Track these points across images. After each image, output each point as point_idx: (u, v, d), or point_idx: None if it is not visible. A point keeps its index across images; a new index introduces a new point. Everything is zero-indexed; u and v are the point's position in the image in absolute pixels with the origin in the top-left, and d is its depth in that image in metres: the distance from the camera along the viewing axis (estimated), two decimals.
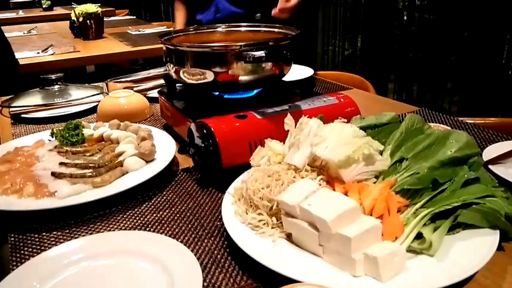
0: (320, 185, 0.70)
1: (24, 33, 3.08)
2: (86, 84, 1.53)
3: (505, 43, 2.62)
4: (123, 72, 1.61)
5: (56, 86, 1.44)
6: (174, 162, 0.97)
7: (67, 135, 1.02)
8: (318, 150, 0.71)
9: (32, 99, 1.37)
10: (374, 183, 0.70)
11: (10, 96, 1.45)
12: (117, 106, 1.25)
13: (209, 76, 1.00)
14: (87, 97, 1.39)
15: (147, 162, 0.93)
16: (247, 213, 0.71)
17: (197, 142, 0.91)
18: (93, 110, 1.35)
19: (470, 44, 2.81)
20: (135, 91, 1.38)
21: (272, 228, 0.68)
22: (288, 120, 0.81)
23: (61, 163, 0.91)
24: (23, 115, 1.30)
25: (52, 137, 1.04)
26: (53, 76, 1.44)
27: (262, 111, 0.94)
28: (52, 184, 0.83)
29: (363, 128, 0.81)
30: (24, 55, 2.22)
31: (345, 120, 0.78)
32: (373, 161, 0.70)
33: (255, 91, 1.09)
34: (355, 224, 0.60)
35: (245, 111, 0.95)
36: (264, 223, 0.68)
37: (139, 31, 3.03)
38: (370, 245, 0.59)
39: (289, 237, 0.66)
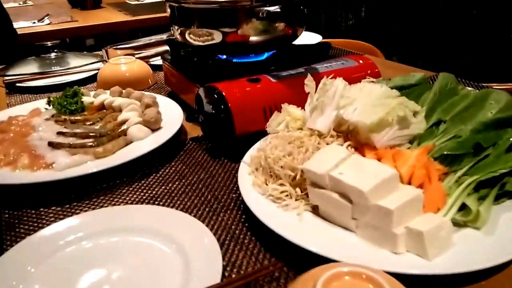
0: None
1: (19, 3, 2.96)
2: (85, 52, 1.45)
3: None
4: (123, 40, 1.52)
5: (53, 54, 1.35)
6: (181, 131, 0.90)
7: (65, 103, 0.94)
8: (345, 113, 0.64)
9: (27, 68, 1.29)
10: (409, 148, 0.63)
11: (4, 66, 1.36)
12: (118, 74, 1.17)
13: (217, 36, 0.91)
14: (86, 65, 1.30)
15: (152, 130, 0.85)
16: (267, 184, 0.64)
17: (207, 109, 0.83)
18: (92, 78, 1.26)
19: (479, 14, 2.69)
20: (137, 58, 1.29)
21: (296, 200, 0.60)
22: (309, 81, 0.73)
23: (59, 133, 0.83)
24: (18, 84, 1.22)
25: (49, 105, 0.97)
26: (49, 43, 1.35)
27: (276, 74, 0.86)
28: (49, 155, 0.75)
29: None
30: (19, 25, 2.12)
31: (374, 80, 0.69)
32: (408, 124, 0.62)
33: (266, 55, 1.00)
34: (395, 194, 0.53)
35: (257, 75, 0.87)
36: (287, 195, 0.61)
37: (138, 0, 2.91)
38: (412, 217, 0.52)
39: (315, 209, 0.59)
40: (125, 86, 1.08)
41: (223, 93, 0.79)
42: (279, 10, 0.81)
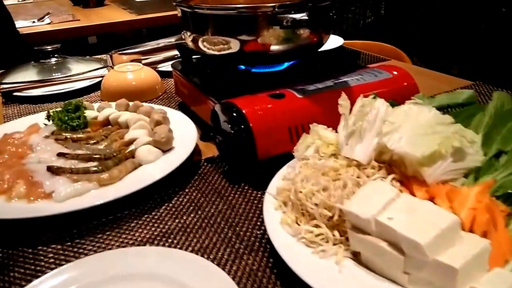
0: (392, 185, 0.54)
1: (18, 0, 2.87)
2: (88, 57, 1.36)
3: None
4: (128, 42, 1.44)
5: (53, 59, 1.27)
6: (195, 151, 0.81)
7: (66, 118, 0.85)
8: (389, 141, 0.55)
9: (25, 75, 1.20)
10: (463, 184, 0.54)
11: (0, 72, 1.27)
12: (124, 82, 1.08)
13: (234, 45, 0.83)
14: (89, 71, 1.22)
15: (163, 151, 0.77)
16: (298, 223, 0.55)
17: (224, 128, 0.75)
18: (96, 86, 1.18)
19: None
20: (144, 64, 1.20)
21: (334, 244, 0.52)
22: (343, 101, 0.64)
23: (60, 154, 0.75)
24: (15, 93, 1.13)
25: (49, 120, 0.88)
26: (49, 48, 1.26)
27: (301, 89, 0.77)
28: (48, 182, 0.67)
29: None
30: (19, 24, 2.04)
31: (420, 101, 0.60)
32: (463, 156, 0.54)
33: (288, 64, 0.92)
34: (457, 247, 0.44)
35: (279, 89, 0.78)
36: (323, 238, 0.53)
37: None
38: (478, 275, 0.44)
39: (356, 256, 0.51)
40: (132, 96, 1.00)
41: (243, 111, 0.71)
42: (305, 17, 0.72)
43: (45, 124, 0.88)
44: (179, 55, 1.23)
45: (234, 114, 0.72)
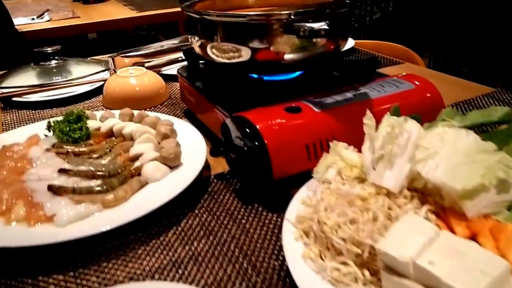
0: (427, 218, 0.49)
1: None
2: (88, 58, 1.30)
3: None
4: (128, 37, 1.38)
5: (53, 62, 1.21)
6: (204, 166, 0.76)
7: (68, 129, 0.80)
8: (424, 169, 0.50)
9: (25, 78, 1.15)
10: (506, 218, 0.49)
11: None
12: (127, 88, 1.03)
13: (245, 54, 0.78)
14: (90, 75, 1.16)
15: (171, 168, 0.72)
16: (323, 258, 0.51)
17: (236, 143, 0.70)
18: (97, 91, 1.12)
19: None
20: (147, 67, 1.15)
21: (364, 284, 0.47)
22: (368, 120, 0.59)
23: (61, 170, 0.70)
24: (14, 99, 1.08)
25: (49, 131, 0.83)
26: (49, 50, 1.21)
27: (319, 102, 0.72)
28: (49, 204, 0.62)
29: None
30: (17, 22, 1.98)
31: (455, 124, 0.55)
32: (508, 188, 0.49)
33: (302, 71, 0.87)
34: None
35: (294, 99, 0.73)
36: (351, 277, 0.48)
37: None
38: None
39: None
40: (135, 102, 0.95)
41: (257, 126, 0.66)
42: (325, 27, 0.66)
43: (45, 135, 0.83)
44: (183, 58, 1.19)
45: (247, 130, 0.67)
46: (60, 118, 0.84)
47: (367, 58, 0.89)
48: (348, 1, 0.81)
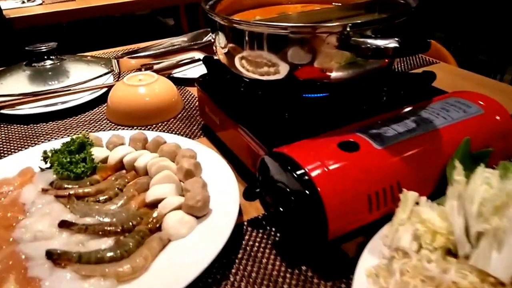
0: None
1: None
2: (88, 56, 1.15)
3: None
4: (127, 26, 1.23)
5: (48, 62, 1.06)
6: None
7: (68, 163, 0.66)
8: None
9: (15, 84, 1.00)
10: None
11: None
12: (135, 99, 0.88)
13: (283, 69, 0.63)
14: (92, 79, 1.02)
15: (197, 217, 0.58)
16: None
17: (279, 188, 0.56)
18: (101, 99, 0.98)
19: None
20: (156, 70, 1.01)
21: None
22: (459, 177, 0.46)
23: (63, 224, 0.56)
24: (3, 111, 0.93)
25: (45, 162, 0.69)
26: (43, 48, 1.06)
27: (377, 134, 0.59)
28: (48, 283, 0.49)
29: None
30: (4, 5, 1.80)
31: None
32: None
33: None
34: None
35: (344, 128, 0.60)
36: None
37: None
38: None
39: None
40: (145, 116, 0.83)
41: (308, 169, 0.52)
42: (395, 45, 0.52)
43: (41, 169, 0.69)
44: (196, 59, 1.04)
45: (294, 174, 0.53)
46: (59, 144, 0.70)
47: (422, 72, 0.75)
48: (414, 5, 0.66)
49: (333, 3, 0.85)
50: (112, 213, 0.59)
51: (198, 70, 1.06)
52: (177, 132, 0.85)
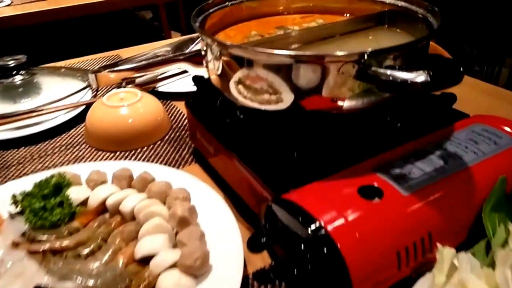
0: None
1: None
2: (63, 69, 1.05)
3: None
4: (111, 35, 1.13)
5: (18, 78, 0.96)
6: None
7: (42, 209, 0.57)
8: None
9: None
10: None
11: None
12: (117, 122, 0.79)
13: (287, 97, 0.55)
14: (67, 96, 0.92)
15: (196, 276, 0.50)
16: None
17: (291, 236, 0.48)
18: (78, 119, 0.88)
19: None
20: (138, 84, 0.92)
21: None
22: None
23: None
24: None
25: (16, 207, 0.60)
26: (11, 62, 0.95)
27: (402, 176, 0.51)
28: None
29: None
30: None
31: None
32: None
33: None
34: None
35: (367, 174, 0.52)
36: None
37: None
38: None
39: None
40: (128, 140, 0.75)
41: (325, 223, 0.45)
42: (426, 79, 0.44)
43: (11, 215, 0.60)
44: (182, 70, 0.96)
45: (309, 229, 0.46)
46: (31, 183, 0.61)
47: (441, 94, 0.67)
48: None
49: (333, 12, 0.77)
50: (96, 273, 0.51)
51: (185, 83, 0.98)
52: (165, 158, 0.77)
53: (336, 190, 0.50)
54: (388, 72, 0.47)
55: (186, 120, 0.82)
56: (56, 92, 0.93)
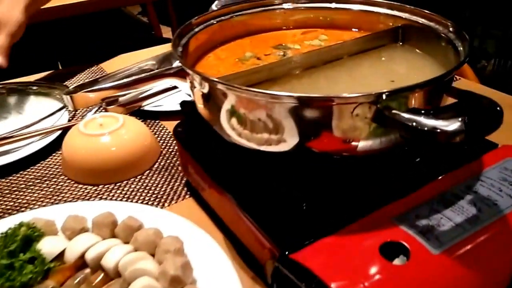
0: None
1: None
2: (35, 87, 0.95)
3: None
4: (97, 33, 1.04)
5: None
6: None
7: (9, 269, 0.49)
8: None
9: None
10: None
11: None
12: (98, 153, 0.71)
13: (290, 138, 0.48)
14: (40, 120, 0.83)
15: None
16: None
17: None
18: (54, 144, 0.79)
19: None
20: (121, 105, 0.83)
21: None
22: None
23: None
24: None
25: None
26: None
27: (431, 230, 0.44)
28: None
29: None
30: None
31: None
32: None
33: None
34: None
35: (389, 226, 0.45)
36: None
37: None
38: None
39: None
40: (112, 172, 0.68)
41: None
42: (461, 128, 0.37)
43: None
44: (170, 86, 0.88)
45: None
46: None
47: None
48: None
49: (339, 26, 0.69)
50: None
51: (174, 100, 0.89)
52: (155, 192, 0.69)
53: (352, 247, 0.43)
54: (413, 117, 0.40)
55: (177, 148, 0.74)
56: (28, 114, 0.84)
